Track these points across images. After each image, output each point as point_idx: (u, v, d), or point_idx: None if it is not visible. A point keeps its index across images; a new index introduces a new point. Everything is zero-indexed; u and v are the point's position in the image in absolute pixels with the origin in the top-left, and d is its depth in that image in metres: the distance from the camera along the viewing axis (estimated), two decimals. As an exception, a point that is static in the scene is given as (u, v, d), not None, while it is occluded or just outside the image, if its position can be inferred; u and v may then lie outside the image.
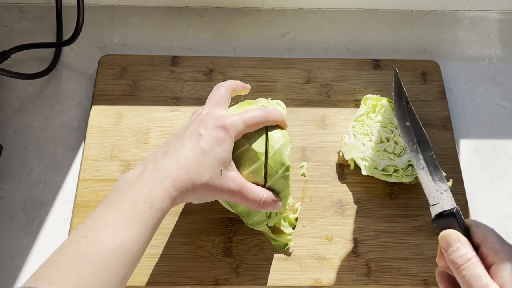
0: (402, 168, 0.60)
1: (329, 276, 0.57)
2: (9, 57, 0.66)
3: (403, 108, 0.50)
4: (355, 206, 0.62)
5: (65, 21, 0.73)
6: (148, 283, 0.56)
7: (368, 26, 0.77)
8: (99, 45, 0.74)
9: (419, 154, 0.47)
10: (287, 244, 0.57)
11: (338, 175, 0.63)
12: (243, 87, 0.55)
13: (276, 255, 0.58)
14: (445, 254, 0.40)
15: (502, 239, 0.40)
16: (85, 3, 0.68)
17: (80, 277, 0.38)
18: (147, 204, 0.43)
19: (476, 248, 0.40)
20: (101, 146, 0.64)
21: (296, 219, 0.60)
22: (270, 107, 0.53)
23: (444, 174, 0.47)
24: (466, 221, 0.42)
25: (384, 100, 0.64)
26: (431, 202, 0.45)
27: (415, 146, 0.48)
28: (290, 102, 0.68)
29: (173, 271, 0.57)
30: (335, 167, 0.64)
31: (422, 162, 0.47)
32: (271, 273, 0.57)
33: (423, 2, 0.77)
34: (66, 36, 0.70)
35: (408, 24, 0.77)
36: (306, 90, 0.69)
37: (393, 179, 0.60)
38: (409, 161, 0.60)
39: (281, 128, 0.53)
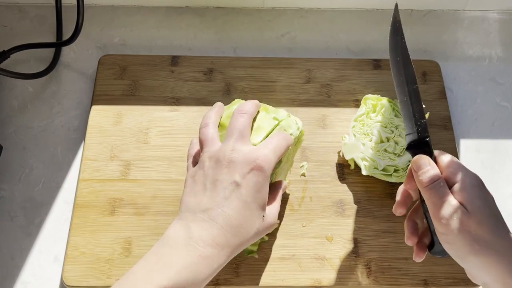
0: (402, 168, 0.60)
1: (329, 276, 0.57)
2: (9, 57, 0.66)
3: (397, 42, 0.51)
4: (355, 206, 0.62)
5: (65, 21, 0.73)
6: (148, 283, 0.56)
7: (368, 26, 0.77)
8: (99, 45, 0.74)
9: (405, 87, 0.49)
10: (252, 252, 0.57)
11: (338, 175, 0.63)
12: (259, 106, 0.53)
13: (276, 255, 0.58)
14: (415, 175, 0.45)
15: (462, 165, 0.46)
16: (85, 3, 0.68)
17: None
18: (189, 277, 0.41)
19: (441, 173, 0.46)
20: (101, 146, 0.64)
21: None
22: (283, 133, 0.51)
23: (424, 106, 0.50)
24: (434, 151, 0.47)
25: (384, 100, 0.63)
26: (407, 131, 0.49)
27: (401, 78, 0.50)
28: (290, 102, 0.68)
29: (173, 271, 0.57)
30: (335, 167, 0.64)
31: (406, 94, 0.49)
32: (271, 273, 0.57)
33: (423, 2, 0.77)
34: (66, 36, 0.70)
35: (408, 24, 0.77)
36: (306, 90, 0.69)
37: (393, 179, 0.60)
38: (409, 161, 0.60)
39: None
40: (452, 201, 0.43)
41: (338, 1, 0.77)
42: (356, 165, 0.62)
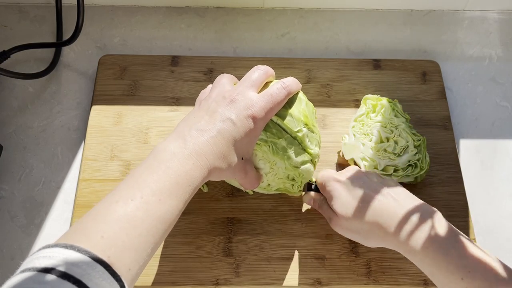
0: (402, 168, 0.60)
1: (329, 276, 0.57)
2: (9, 57, 0.66)
3: None
4: (355, 206, 0.62)
5: (65, 21, 0.73)
6: (148, 283, 0.56)
7: (368, 26, 0.77)
8: (99, 45, 0.74)
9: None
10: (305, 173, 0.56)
11: (338, 175, 0.63)
12: (273, 76, 0.56)
13: (276, 255, 0.58)
14: (313, 205, 0.58)
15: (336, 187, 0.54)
16: (85, 3, 0.68)
17: (128, 237, 0.40)
18: (187, 182, 0.45)
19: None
20: (101, 146, 0.64)
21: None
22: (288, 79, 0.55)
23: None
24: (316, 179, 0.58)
25: (384, 100, 0.63)
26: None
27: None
28: (290, 102, 0.68)
29: (173, 271, 0.57)
30: (335, 167, 0.64)
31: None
32: (271, 273, 0.57)
33: (423, 2, 0.77)
34: (66, 36, 0.70)
35: (408, 24, 0.77)
36: (306, 90, 0.69)
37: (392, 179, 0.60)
38: (409, 161, 0.60)
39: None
40: (328, 211, 0.55)
41: (338, 1, 0.77)
42: (356, 165, 0.62)
